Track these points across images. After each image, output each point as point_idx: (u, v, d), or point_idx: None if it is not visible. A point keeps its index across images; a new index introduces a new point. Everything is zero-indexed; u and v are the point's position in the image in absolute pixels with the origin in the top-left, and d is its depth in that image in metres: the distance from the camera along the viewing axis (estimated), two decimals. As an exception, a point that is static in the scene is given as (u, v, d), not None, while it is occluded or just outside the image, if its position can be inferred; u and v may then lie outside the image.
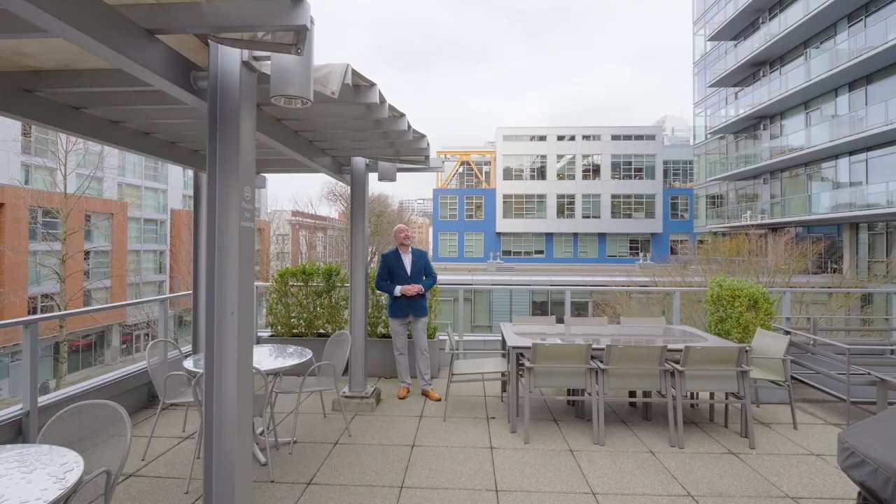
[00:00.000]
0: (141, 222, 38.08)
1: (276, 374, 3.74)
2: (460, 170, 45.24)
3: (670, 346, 4.03)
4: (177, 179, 41.28)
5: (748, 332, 5.14)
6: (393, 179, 5.04)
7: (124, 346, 34.27)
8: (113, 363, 31.57)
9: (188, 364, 3.55)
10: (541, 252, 41.24)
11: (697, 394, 4.74)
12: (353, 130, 3.85)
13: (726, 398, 4.39)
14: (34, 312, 26.34)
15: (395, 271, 5.24)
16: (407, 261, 5.29)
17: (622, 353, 3.99)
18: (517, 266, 32.59)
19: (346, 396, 4.85)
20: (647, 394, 4.62)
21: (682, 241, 37.71)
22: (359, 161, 4.94)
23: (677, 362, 4.04)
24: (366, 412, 4.75)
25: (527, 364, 4.04)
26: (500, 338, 5.11)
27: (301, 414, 4.71)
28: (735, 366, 3.94)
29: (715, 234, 28.99)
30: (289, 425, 4.38)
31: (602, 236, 40.81)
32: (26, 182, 29.02)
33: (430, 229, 46.39)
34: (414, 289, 5.16)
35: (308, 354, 4.01)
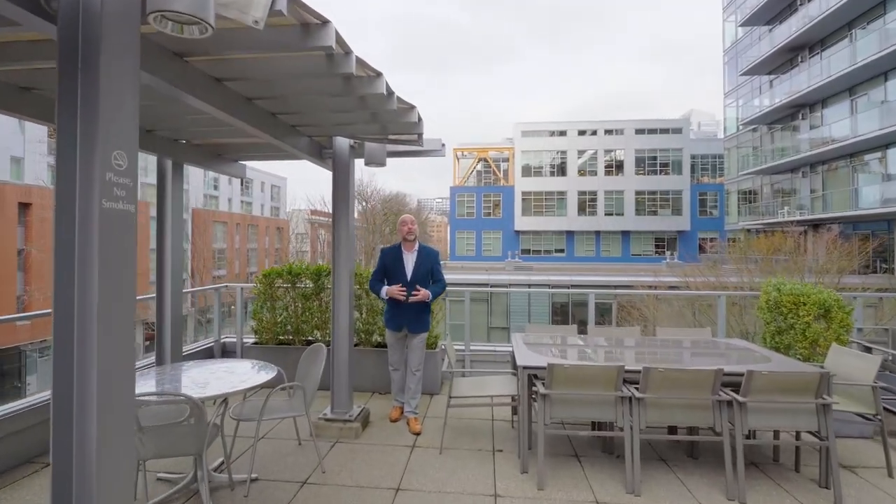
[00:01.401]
0: (162, 221, 38.34)
1: (224, 400, 3.01)
2: (478, 167, 44.24)
3: (727, 370, 3.14)
4: (197, 179, 41.53)
5: (816, 347, 4.19)
6: (382, 164, 4.26)
7: (147, 342, 34.57)
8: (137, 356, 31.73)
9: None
10: (561, 251, 40.00)
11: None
12: (320, 95, 3.08)
13: (797, 437, 3.47)
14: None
15: (392, 271, 4.33)
16: (409, 260, 4.33)
17: (664, 379, 3.12)
18: (536, 265, 31.50)
19: (327, 419, 4.10)
20: (693, 427, 3.73)
21: (711, 239, 36.04)
22: (342, 143, 4.18)
23: (735, 389, 3.15)
24: (348, 439, 3.99)
25: (541, 390, 3.21)
26: (510, 353, 4.26)
27: (273, 439, 3.98)
28: (814, 396, 3.04)
29: (748, 231, 27.42)
30: (262, 454, 3.65)
31: (626, 234, 39.33)
32: (52, 183, 29.30)
33: (449, 228, 45.59)
34: (397, 291, 4.16)
35: (272, 372, 3.27)
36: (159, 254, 4.40)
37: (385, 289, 4.27)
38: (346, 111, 3.29)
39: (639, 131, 39.44)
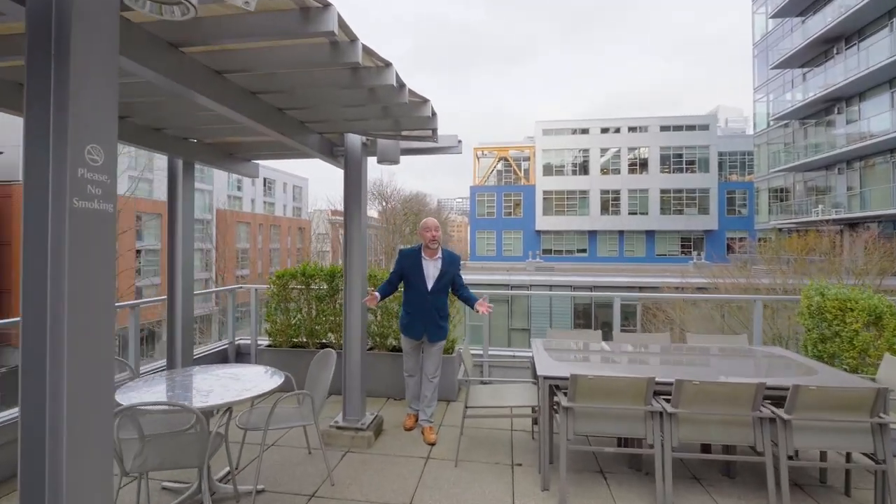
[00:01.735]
0: (187, 222, 39.14)
1: (228, 409, 2.87)
2: (498, 166, 43.84)
3: (770, 383, 2.86)
4: (221, 181, 42.28)
5: (866, 357, 3.84)
6: (396, 161, 4.08)
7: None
8: (162, 356, 32.58)
9: (121, 399, 2.72)
10: (583, 251, 39.32)
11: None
12: (327, 88, 2.91)
13: (848, 458, 3.16)
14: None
15: (411, 278, 4.02)
16: (431, 268, 4.01)
17: (698, 392, 2.86)
18: (558, 265, 31.00)
19: (338, 427, 3.94)
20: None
21: (740, 238, 34.89)
22: (353, 140, 4.02)
23: (777, 404, 2.87)
24: (360, 448, 3.82)
25: (563, 402, 2.98)
26: (530, 361, 4.03)
27: (282, 447, 3.85)
28: (869, 414, 2.73)
29: (779, 230, 26.42)
30: (270, 463, 3.52)
31: (650, 234, 38.42)
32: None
33: (469, 228, 45.33)
34: (371, 300, 3.83)
35: (279, 378, 3.13)
36: (170, 255, 4.31)
37: (371, 296, 3.85)
38: (356, 105, 3.12)
39: (664, 128, 38.49)
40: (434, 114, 3.49)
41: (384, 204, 42.94)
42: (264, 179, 49.05)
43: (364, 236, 4.17)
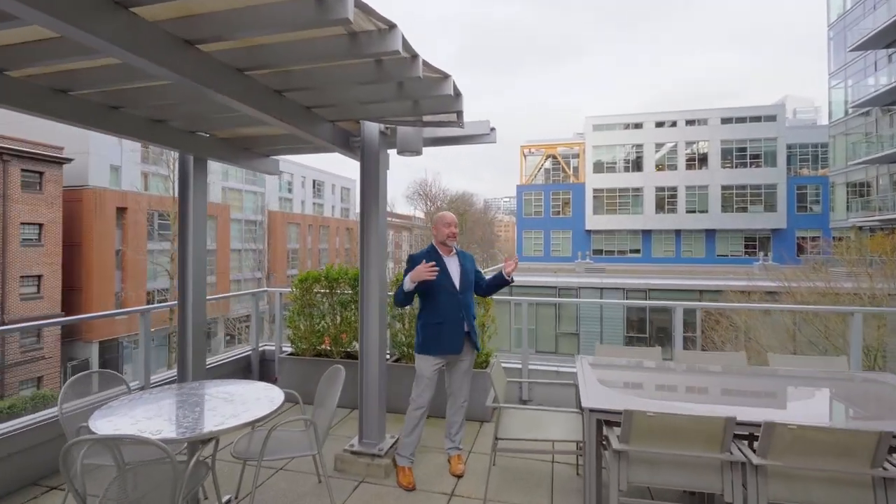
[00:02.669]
0: (241, 223, 40.67)
1: (211, 439, 2.48)
2: (546, 164, 42.60)
3: (900, 434, 2.13)
4: (272, 183, 43.67)
5: None
6: (418, 152, 3.59)
7: (228, 338, 36.82)
8: (216, 352, 33.96)
9: (96, 424, 2.39)
10: (637, 251, 37.43)
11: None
12: (324, 61, 2.45)
13: None
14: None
15: (435, 280, 3.31)
16: (453, 265, 3.47)
17: (796, 440, 2.18)
18: (609, 267, 29.55)
19: (353, 452, 3.50)
20: None
21: (812, 237, 32.02)
22: (371, 129, 3.57)
23: (909, 460, 2.15)
24: (376, 479, 3.36)
25: (615, 444, 2.38)
26: (574, 384, 3.41)
27: (289, 472, 3.45)
28: None
29: (859, 229, 23.90)
30: (275, 492, 3.12)
31: (710, 233, 36.01)
32: (145, 188, 31.95)
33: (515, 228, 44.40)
34: (425, 270, 3.21)
35: (276, 400, 2.72)
36: (181, 257, 4.03)
37: (408, 277, 3.32)
38: (363, 82, 2.65)
39: (725, 120, 35.99)
40: (458, 93, 2.97)
41: (429, 204, 42.84)
42: (314, 181, 50.25)
43: (384, 237, 3.71)
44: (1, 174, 20.52)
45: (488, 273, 4.42)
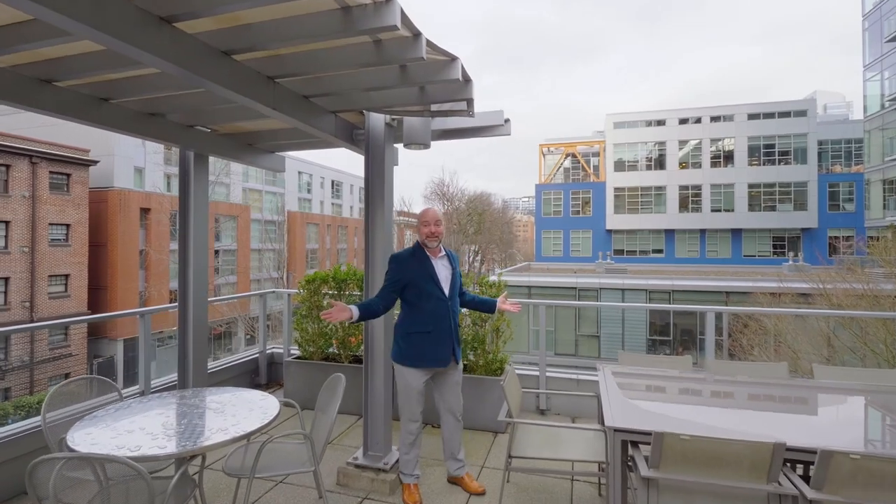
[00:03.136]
0: (262, 223, 41.13)
1: (195, 456, 2.28)
2: (565, 163, 41.90)
3: None
4: (292, 183, 44.05)
5: None
6: (426, 144, 3.35)
7: (248, 337, 37.34)
8: (236, 351, 34.41)
9: (74, 437, 2.22)
10: (659, 251, 36.52)
11: None
12: (317, 41, 2.22)
13: None
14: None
15: (422, 285, 2.98)
16: (441, 268, 3.06)
17: (858, 471, 1.87)
18: (631, 267, 28.86)
19: (357, 465, 3.28)
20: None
21: (846, 237, 30.71)
22: (376, 120, 3.34)
23: None
24: (380, 495, 3.13)
25: (643, 471, 2.10)
26: (596, 396, 3.11)
27: (289, 485, 3.25)
28: None
29: (897, 228, 22.75)
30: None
31: (737, 233, 34.89)
32: (167, 189, 32.52)
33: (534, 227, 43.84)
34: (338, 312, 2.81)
35: (270, 411, 2.52)
36: (181, 258, 3.88)
37: (354, 308, 2.84)
38: (362, 66, 2.42)
39: (752, 116, 34.82)
40: (467, 79, 2.72)
41: (447, 204, 42.57)
42: (332, 182, 50.57)
43: (390, 236, 3.48)
44: (30, 176, 21.06)
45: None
